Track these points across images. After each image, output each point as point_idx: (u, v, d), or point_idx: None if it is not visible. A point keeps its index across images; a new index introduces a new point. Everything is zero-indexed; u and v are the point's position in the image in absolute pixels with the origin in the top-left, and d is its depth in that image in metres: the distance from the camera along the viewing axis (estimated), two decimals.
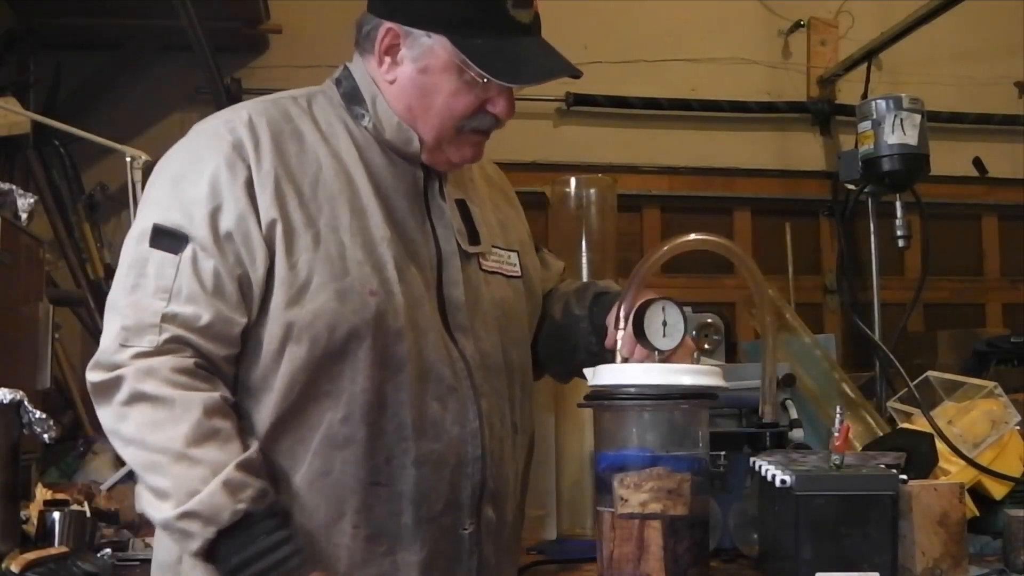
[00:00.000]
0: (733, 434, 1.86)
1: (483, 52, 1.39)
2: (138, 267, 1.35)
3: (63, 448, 3.07)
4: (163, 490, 1.29)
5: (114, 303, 1.36)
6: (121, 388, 1.31)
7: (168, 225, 1.36)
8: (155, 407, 1.31)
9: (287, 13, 4.37)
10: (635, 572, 1.42)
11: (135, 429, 1.31)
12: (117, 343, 1.33)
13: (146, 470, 1.32)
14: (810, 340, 2.28)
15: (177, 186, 1.38)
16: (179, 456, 1.29)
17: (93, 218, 4.11)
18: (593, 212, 2.13)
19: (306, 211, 1.38)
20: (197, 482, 1.28)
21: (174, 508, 1.28)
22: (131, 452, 1.33)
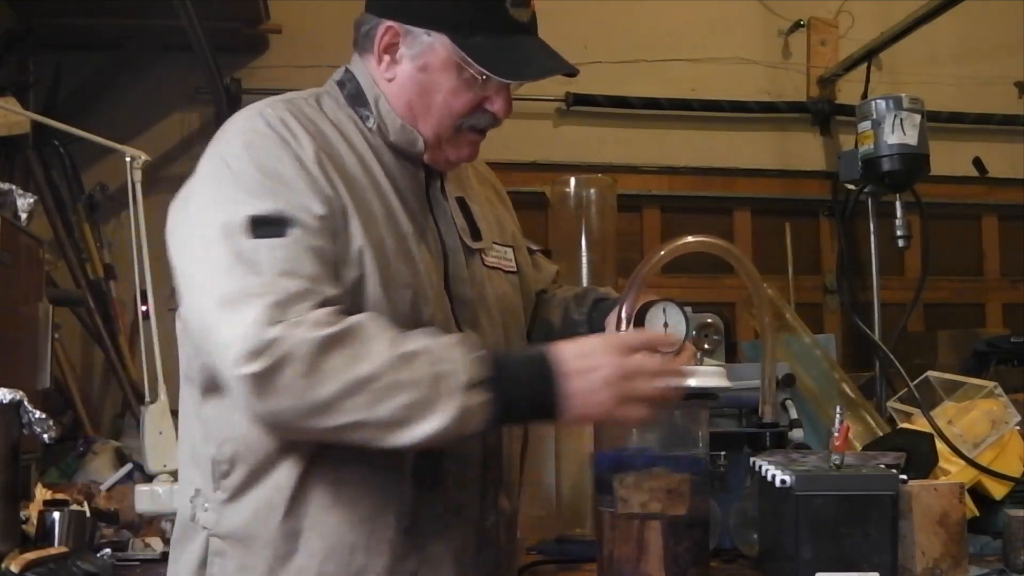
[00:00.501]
0: (733, 434, 1.86)
1: (483, 50, 1.40)
2: (246, 258, 1.28)
3: (63, 448, 3.07)
4: (415, 400, 1.23)
5: (232, 295, 1.26)
6: (294, 357, 1.21)
7: (264, 214, 1.30)
8: (344, 343, 1.23)
9: (287, 13, 4.37)
10: (635, 572, 1.42)
11: (341, 379, 1.22)
12: (265, 324, 1.22)
13: (380, 403, 1.23)
14: (810, 340, 2.28)
15: (250, 179, 1.33)
16: (403, 359, 1.24)
17: (93, 218, 4.11)
18: (593, 212, 2.13)
19: (352, 202, 1.38)
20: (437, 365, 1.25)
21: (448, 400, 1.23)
22: (348, 407, 1.23)
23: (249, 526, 1.37)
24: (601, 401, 1.31)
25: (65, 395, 3.70)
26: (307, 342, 1.22)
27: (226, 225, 1.30)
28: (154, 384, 2.30)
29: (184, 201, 1.41)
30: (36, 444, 2.07)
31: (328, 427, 1.25)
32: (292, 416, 1.24)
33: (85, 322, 3.96)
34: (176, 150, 4.42)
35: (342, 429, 1.25)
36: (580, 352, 1.32)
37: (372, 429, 1.25)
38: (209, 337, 1.28)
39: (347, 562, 1.36)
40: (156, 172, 4.16)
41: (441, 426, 1.24)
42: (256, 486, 1.37)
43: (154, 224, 2.64)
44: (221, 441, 1.39)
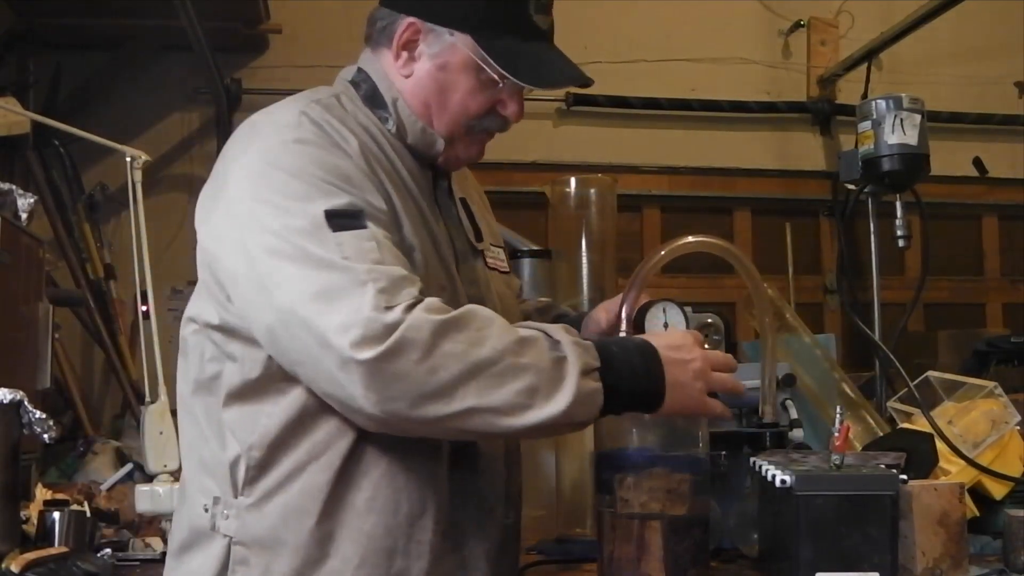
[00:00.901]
0: (733, 434, 1.85)
1: (505, 53, 1.40)
2: (336, 251, 1.23)
3: (63, 448, 3.07)
4: (532, 386, 1.22)
5: (336, 286, 1.21)
6: (414, 341, 1.18)
7: (340, 207, 1.27)
8: (460, 327, 1.22)
9: (287, 13, 4.37)
10: (635, 572, 1.42)
11: (460, 363, 1.20)
12: (381, 307, 1.19)
13: (498, 387, 1.21)
14: (810, 340, 2.28)
15: (315, 175, 1.29)
16: (519, 344, 1.24)
17: (93, 218, 4.11)
18: (593, 212, 2.13)
19: (397, 199, 1.38)
20: (551, 351, 1.25)
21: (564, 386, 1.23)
22: (472, 388, 1.21)
23: (277, 531, 1.33)
24: (694, 393, 1.35)
25: (65, 395, 3.70)
26: (425, 326, 1.19)
27: (304, 221, 1.25)
28: (154, 384, 2.30)
29: (225, 201, 1.34)
30: (36, 444, 2.07)
31: (444, 414, 1.21)
32: (408, 404, 1.20)
33: (85, 322, 3.96)
34: (176, 150, 4.42)
35: (458, 416, 1.22)
36: (672, 343, 1.35)
37: (490, 414, 1.22)
38: (306, 333, 1.21)
39: (385, 566, 1.33)
40: (156, 172, 4.17)
41: (559, 411, 1.24)
42: (285, 490, 1.33)
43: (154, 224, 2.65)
44: (248, 446, 1.34)
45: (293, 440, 1.33)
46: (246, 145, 1.36)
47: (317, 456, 1.33)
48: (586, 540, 1.91)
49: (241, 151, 1.36)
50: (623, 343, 1.36)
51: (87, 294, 3.88)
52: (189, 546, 1.41)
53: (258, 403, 1.34)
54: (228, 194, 1.34)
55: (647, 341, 1.35)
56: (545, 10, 1.44)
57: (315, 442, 1.33)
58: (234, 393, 1.36)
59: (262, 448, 1.34)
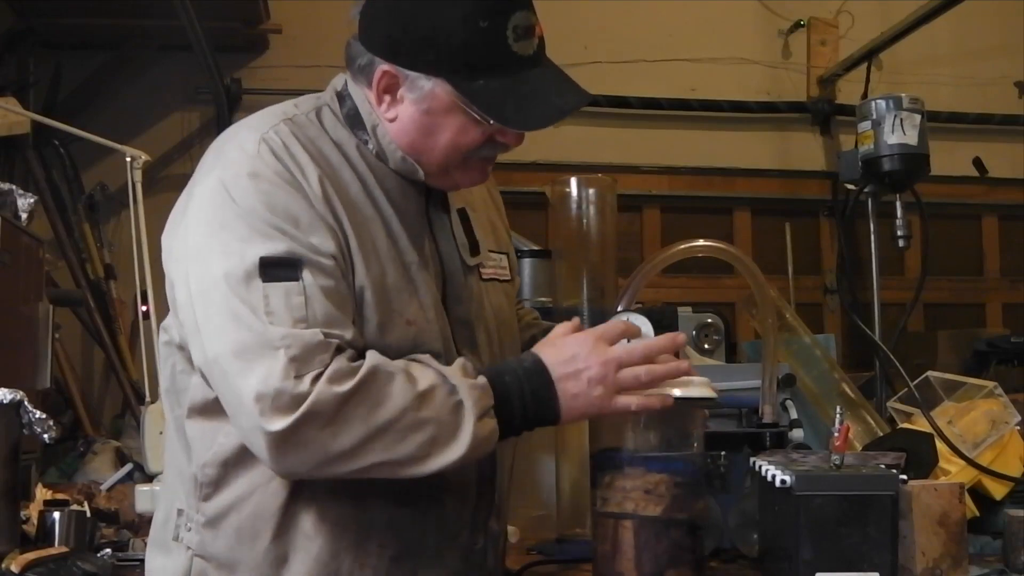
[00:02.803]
0: (733, 434, 1.85)
1: (488, 95, 1.32)
2: (261, 306, 1.24)
3: (63, 448, 3.07)
4: (433, 437, 1.26)
5: (250, 347, 1.23)
6: (320, 412, 1.21)
7: (275, 255, 1.26)
8: (362, 393, 1.24)
9: (287, 13, 4.37)
10: (611, 570, 1.43)
11: (364, 427, 1.23)
12: (290, 377, 1.21)
13: (400, 442, 1.25)
14: (810, 340, 2.28)
15: (260, 217, 1.28)
16: (418, 400, 1.26)
17: (93, 218, 4.11)
18: (593, 212, 2.13)
19: (356, 236, 1.34)
20: (450, 398, 1.27)
21: (461, 434, 1.26)
22: (369, 451, 1.24)
23: (233, 551, 1.35)
24: (595, 399, 1.34)
25: (65, 395, 3.70)
26: (331, 398, 1.22)
27: (236, 268, 1.26)
28: (154, 384, 2.29)
29: (182, 221, 1.36)
30: (36, 444, 2.06)
31: (349, 470, 1.26)
32: (313, 466, 1.25)
33: (85, 322, 3.96)
34: (176, 150, 4.42)
35: (363, 470, 1.27)
36: (563, 357, 1.35)
37: (393, 466, 1.27)
38: (227, 388, 1.26)
39: None
40: (156, 172, 4.17)
41: (459, 455, 1.28)
42: (238, 511, 1.35)
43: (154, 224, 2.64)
44: (203, 463, 1.36)
45: (246, 461, 1.34)
46: (210, 168, 1.36)
47: (269, 479, 1.34)
48: (586, 540, 1.91)
49: (205, 174, 1.36)
50: (516, 370, 1.35)
51: (87, 294, 3.87)
52: (159, 547, 1.45)
53: (217, 420, 1.35)
54: (187, 219, 1.35)
55: (539, 361, 1.35)
56: (527, 34, 1.33)
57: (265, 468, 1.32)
58: (196, 408, 1.37)
59: (215, 466, 1.36)
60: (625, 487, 1.43)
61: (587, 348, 1.35)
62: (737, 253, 1.54)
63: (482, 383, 1.31)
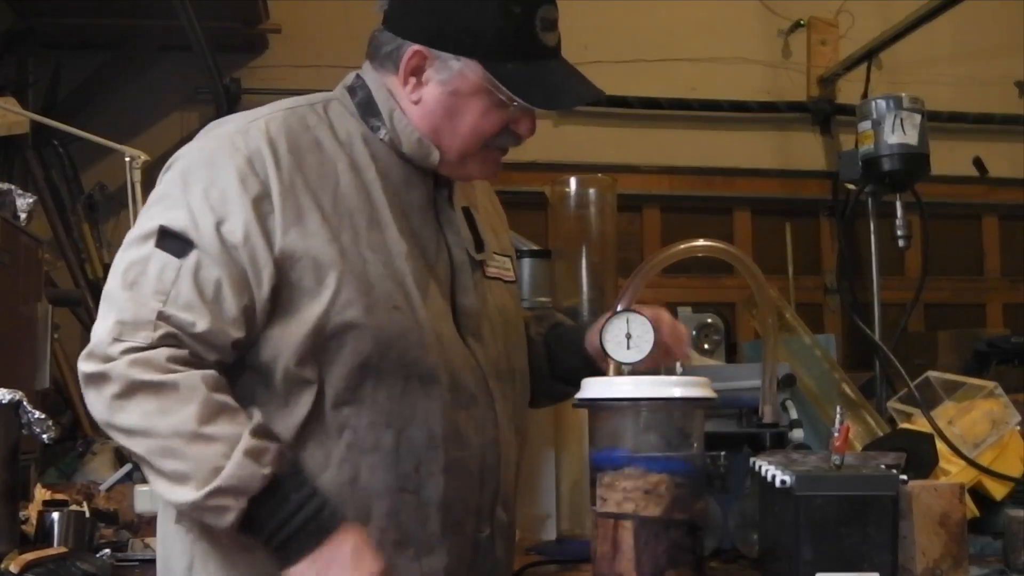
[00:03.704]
0: (733, 434, 1.85)
1: (515, 77, 1.40)
2: (140, 265, 1.33)
3: (62, 448, 3.07)
4: (182, 473, 1.27)
5: (110, 295, 1.34)
6: (113, 381, 1.29)
7: (175, 228, 1.33)
8: (158, 394, 1.28)
9: (287, 13, 4.37)
10: (611, 571, 1.43)
11: (139, 418, 1.29)
12: (111, 336, 1.30)
13: (158, 456, 1.29)
14: (810, 340, 2.28)
15: (188, 190, 1.36)
16: (193, 436, 1.27)
17: (92, 218, 4.10)
18: (593, 212, 2.13)
19: (329, 225, 1.37)
20: (219, 458, 1.27)
21: (200, 488, 1.26)
22: (136, 441, 1.30)
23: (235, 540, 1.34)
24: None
25: (64, 395, 3.69)
26: (124, 377, 1.29)
27: (145, 225, 1.36)
28: None
29: None
30: (35, 444, 2.06)
31: (124, 445, 1.33)
32: (101, 422, 1.33)
33: (85, 322, 3.95)
34: (175, 150, 4.41)
35: (135, 455, 1.33)
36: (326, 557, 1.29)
37: (151, 469, 1.31)
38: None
39: None
40: (156, 172, 4.14)
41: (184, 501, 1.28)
42: None
43: None
44: None
45: None
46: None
47: None
48: (586, 540, 1.91)
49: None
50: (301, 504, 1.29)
51: (86, 294, 3.87)
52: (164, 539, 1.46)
53: None
54: None
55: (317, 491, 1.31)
56: (552, 26, 1.43)
57: None
58: None
59: None
60: (625, 487, 1.43)
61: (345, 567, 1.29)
62: (737, 253, 1.54)
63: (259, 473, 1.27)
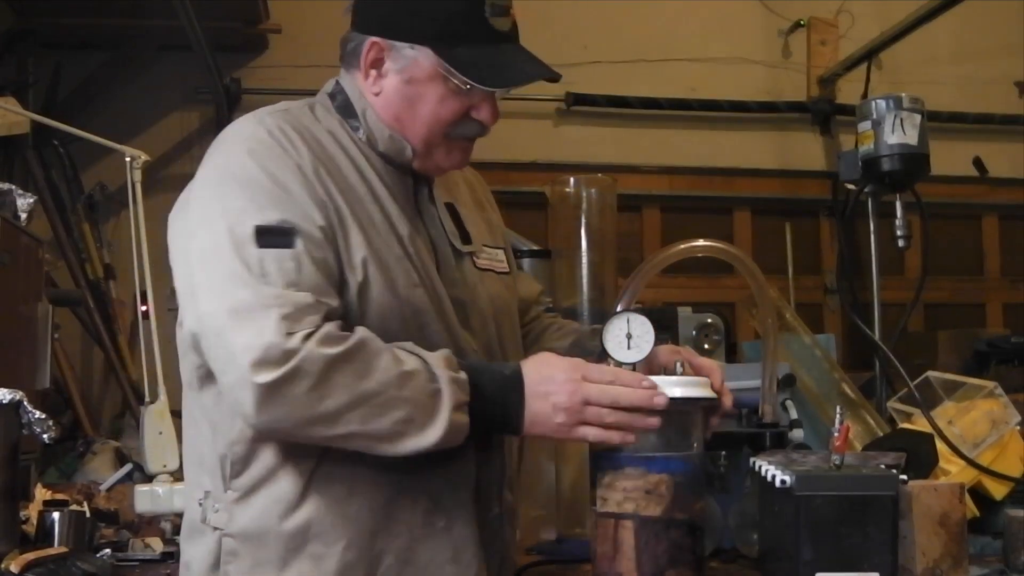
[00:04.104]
0: (733, 434, 1.85)
1: (465, 60, 1.43)
2: (255, 268, 1.32)
3: (63, 448, 3.07)
4: (405, 417, 1.31)
5: (247, 305, 1.30)
6: (306, 373, 1.27)
7: (271, 224, 1.35)
8: (352, 360, 1.30)
9: (287, 13, 4.37)
10: (611, 570, 1.43)
11: (347, 393, 1.29)
12: (283, 332, 1.27)
13: (376, 417, 1.30)
14: (810, 340, 2.28)
15: (256, 188, 1.37)
16: (400, 378, 1.31)
17: (92, 218, 4.11)
18: (593, 212, 2.13)
19: (350, 211, 1.42)
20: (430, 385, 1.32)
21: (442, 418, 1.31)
22: (354, 416, 1.30)
23: (261, 522, 1.39)
24: (555, 424, 1.39)
25: (65, 395, 3.70)
26: (320, 358, 1.28)
27: (234, 234, 1.34)
28: (154, 384, 2.30)
29: (184, 208, 1.44)
30: (36, 444, 2.06)
31: (327, 436, 1.32)
32: (294, 425, 1.30)
33: (85, 322, 3.96)
34: (176, 150, 4.42)
35: (340, 438, 1.32)
36: (542, 376, 1.40)
37: (368, 439, 1.32)
38: (218, 344, 1.31)
39: (368, 546, 1.39)
40: (156, 172, 4.16)
41: (430, 443, 1.33)
42: (268, 483, 1.39)
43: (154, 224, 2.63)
44: (231, 442, 1.40)
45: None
46: (209, 157, 1.46)
47: (296, 447, 1.37)
48: (585, 540, 1.91)
49: (205, 162, 1.45)
50: (495, 376, 1.40)
51: (87, 294, 3.87)
52: (188, 537, 1.49)
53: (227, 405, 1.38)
54: (189, 203, 1.44)
55: (518, 372, 1.40)
56: (503, 12, 1.47)
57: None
58: (217, 390, 1.40)
59: (243, 443, 1.40)
60: (625, 487, 1.43)
61: (564, 376, 1.40)
62: (737, 253, 1.54)
63: (462, 378, 1.35)
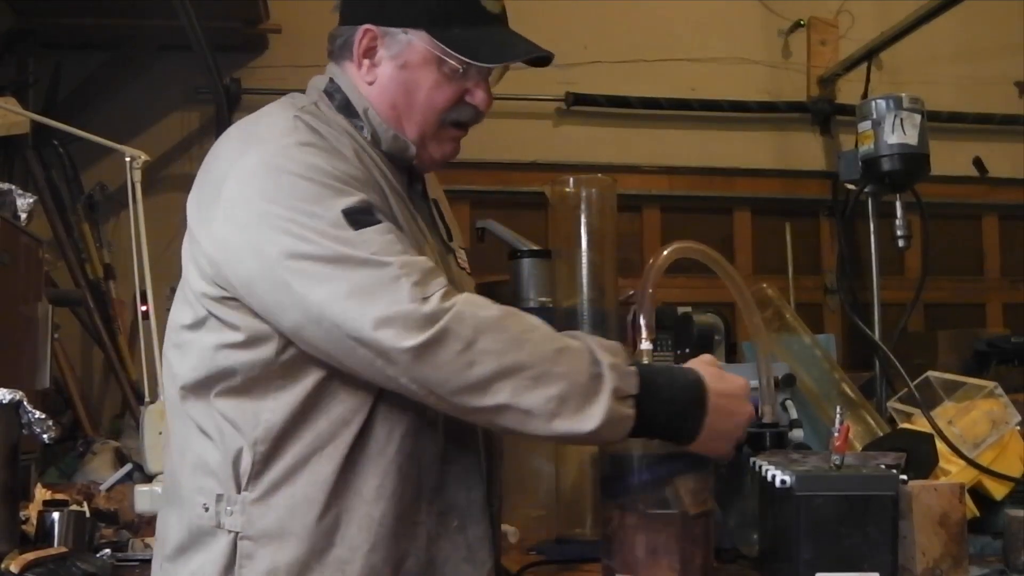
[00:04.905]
0: None
1: (460, 41, 1.43)
2: (364, 249, 1.27)
3: (62, 448, 3.08)
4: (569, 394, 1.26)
5: (368, 283, 1.25)
6: (458, 333, 1.24)
7: (353, 205, 1.31)
8: (502, 329, 1.26)
9: (287, 13, 4.37)
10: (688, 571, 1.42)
11: (497, 360, 1.25)
12: (419, 298, 1.24)
13: (527, 391, 1.25)
14: (810, 340, 2.28)
15: (324, 176, 1.32)
16: (557, 353, 1.27)
17: (92, 218, 4.11)
18: (593, 212, 2.13)
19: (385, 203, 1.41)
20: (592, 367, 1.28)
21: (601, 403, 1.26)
22: (504, 387, 1.25)
23: (283, 523, 1.35)
24: (727, 443, 1.39)
25: (65, 395, 3.70)
26: (469, 320, 1.25)
27: (323, 222, 1.29)
28: (154, 384, 2.30)
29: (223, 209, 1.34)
30: (36, 444, 2.07)
31: (478, 406, 1.27)
32: (447, 392, 1.26)
33: (85, 322, 3.96)
34: (176, 150, 4.42)
35: (491, 410, 1.27)
36: (727, 391, 1.37)
37: (521, 414, 1.27)
38: (339, 331, 1.26)
39: (393, 549, 1.37)
40: (156, 172, 4.17)
41: (588, 429, 1.27)
42: (291, 482, 1.35)
43: (154, 224, 2.64)
44: (253, 441, 1.35)
45: (297, 432, 1.36)
46: (244, 148, 1.37)
47: (322, 447, 1.35)
48: (586, 540, 1.91)
49: (239, 154, 1.37)
50: (673, 376, 1.36)
51: (87, 294, 3.88)
52: (187, 548, 1.41)
53: (259, 399, 1.36)
54: (229, 198, 1.34)
55: (701, 380, 1.36)
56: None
57: (319, 434, 1.35)
58: (234, 390, 1.37)
59: (267, 442, 1.36)
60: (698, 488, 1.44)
61: (743, 393, 1.39)
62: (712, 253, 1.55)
63: (631, 369, 1.31)
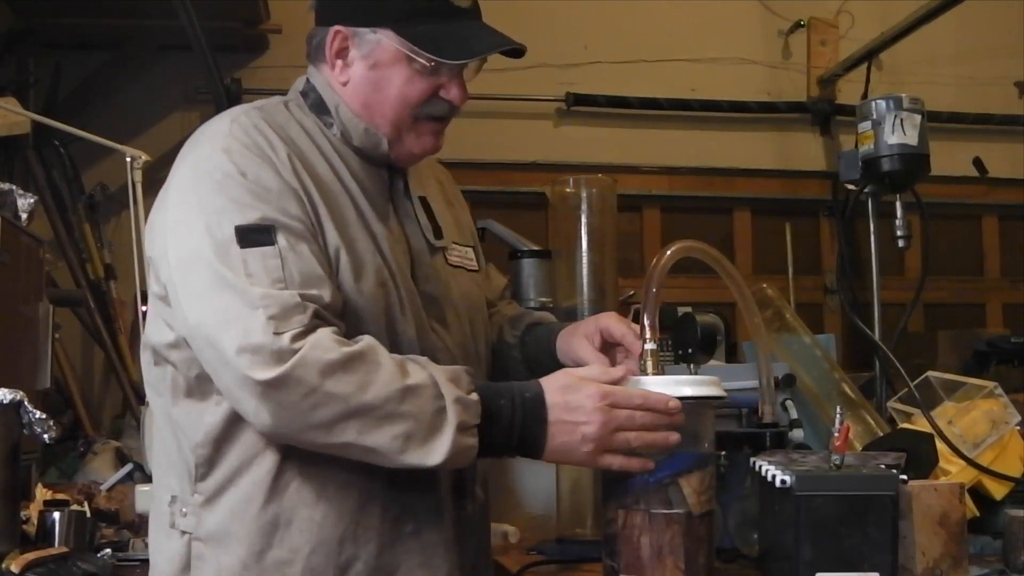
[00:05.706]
0: (733, 434, 1.85)
1: (427, 37, 1.44)
2: (240, 270, 1.30)
3: (63, 448, 3.07)
4: (409, 433, 1.28)
5: (234, 308, 1.28)
6: (302, 378, 1.25)
7: (250, 223, 1.33)
8: (349, 371, 1.27)
9: (287, 13, 4.36)
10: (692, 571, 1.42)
11: (342, 403, 1.26)
12: (270, 333, 1.26)
13: (372, 430, 1.27)
14: (810, 340, 2.28)
15: (233, 187, 1.36)
16: (403, 392, 1.28)
17: (93, 218, 4.11)
18: (593, 212, 2.13)
19: (324, 205, 1.41)
20: (435, 402, 1.29)
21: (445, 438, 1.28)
22: (350, 428, 1.27)
23: (227, 525, 1.38)
24: (582, 454, 1.36)
25: (65, 395, 3.70)
26: (314, 365, 1.26)
27: (214, 237, 1.33)
28: None
29: (161, 210, 1.43)
30: (36, 444, 2.07)
31: (325, 443, 1.30)
32: (293, 431, 1.29)
33: (85, 322, 3.96)
34: (176, 150, 4.37)
35: (338, 447, 1.30)
36: (568, 404, 1.36)
37: (367, 452, 1.30)
38: (211, 350, 1.30)
39: (336, 553, 1.37)
40: (156, 172, 4.13)
41: (433, 462, 1.30)
42: (234, 484, 1.38)
43: None
44: (195, 444, 1.39)
45: (236, 435, 1.38)
46: (184, 156, 1.46)
47: (262, 450, 1.37)
48: (586, 540, 1.91)
49: (180, 161, 1.46)
50: (514, 395, 1.36)
51: (87, 294, 3.88)
52: (157, 541, 1.47)
53: (202, 401, 1.39)
54: (166, 203, 1.43)
55: (541, 396, 1.36)
56: None
57: (258, 436, 1.37)
58: (180, 393, 1.41)
59: (207, 445, 1.39)
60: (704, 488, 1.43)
61: (592, 404, 1.35)
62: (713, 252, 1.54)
63: (472, 399, 1.32)
